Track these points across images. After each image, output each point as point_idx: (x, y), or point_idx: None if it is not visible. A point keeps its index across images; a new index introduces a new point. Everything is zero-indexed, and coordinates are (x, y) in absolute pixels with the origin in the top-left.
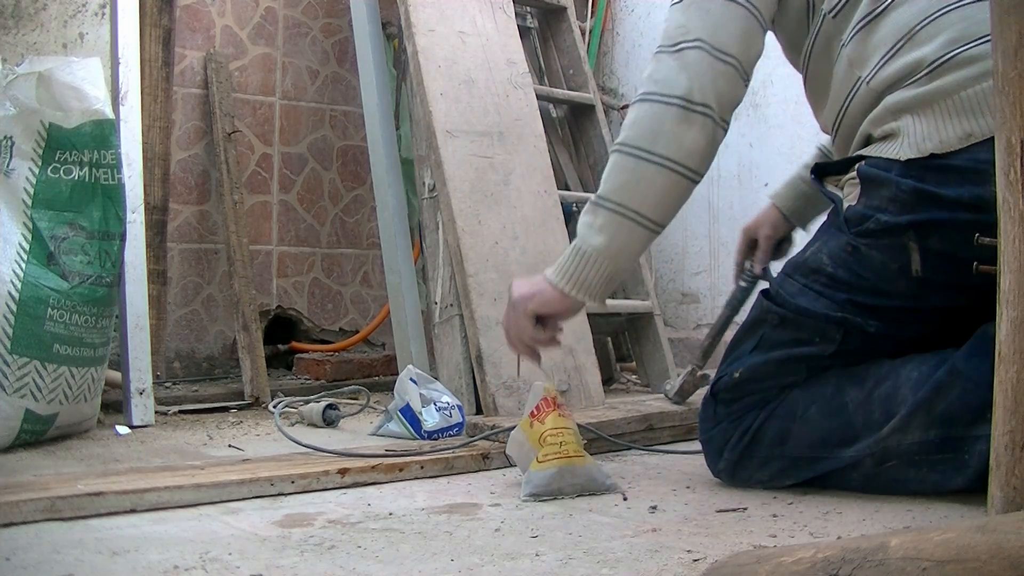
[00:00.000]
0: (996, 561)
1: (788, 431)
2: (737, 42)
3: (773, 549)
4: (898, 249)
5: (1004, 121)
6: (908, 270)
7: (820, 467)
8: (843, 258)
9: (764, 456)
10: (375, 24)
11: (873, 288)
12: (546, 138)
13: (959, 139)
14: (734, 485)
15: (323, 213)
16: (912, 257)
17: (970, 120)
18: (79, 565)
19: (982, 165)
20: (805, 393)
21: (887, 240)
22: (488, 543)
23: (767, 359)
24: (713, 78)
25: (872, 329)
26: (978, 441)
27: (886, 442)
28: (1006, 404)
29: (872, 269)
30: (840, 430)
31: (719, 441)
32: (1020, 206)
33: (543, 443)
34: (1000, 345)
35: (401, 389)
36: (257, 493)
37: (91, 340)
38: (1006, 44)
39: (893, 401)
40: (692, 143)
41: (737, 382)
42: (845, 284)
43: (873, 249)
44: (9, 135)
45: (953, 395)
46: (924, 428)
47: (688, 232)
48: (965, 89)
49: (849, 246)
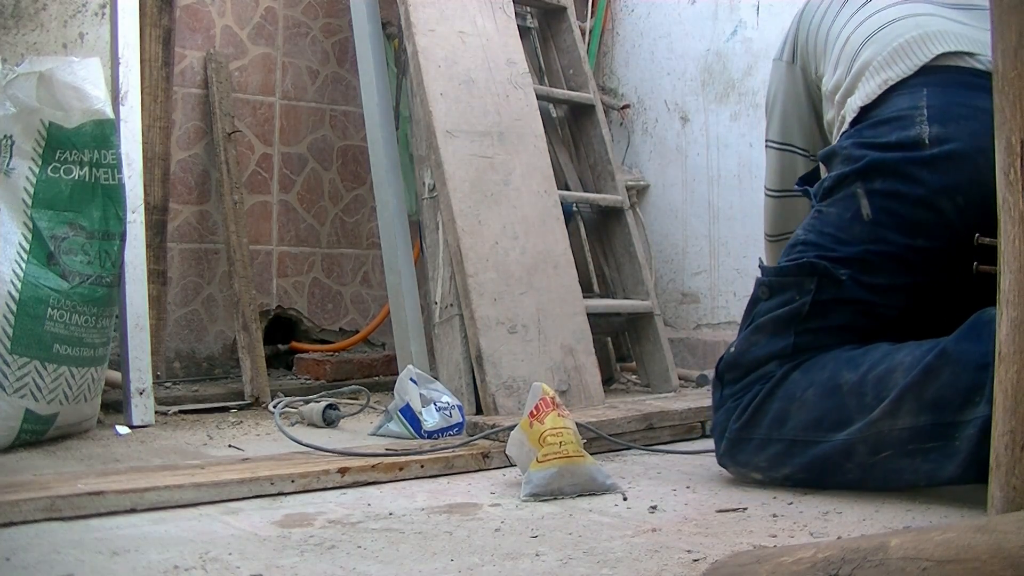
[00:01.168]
0: (996, 561)
1: (787, 412)
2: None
3: (773, 549)
4: (849, 198)
5: (1004, 121)
6: (860, 215)
7: (815, 451)
8: (809, 224)
9: (763, 438)
10: (375, 24)
11: (835, 238)
12: (546, 138)
13: (878, 86)
14: (735, 471)
15: (323, 213)
16: (861, 203)
17: (884, 71)
18: (79, 565)
19: (904, 111)
20: (804, 376)
21: (840, 194)
22: (488, 543)
23: (756, 326)
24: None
25: (843, 276)
26: (967, 426)
27: (878, 426)
28: (1006, 404)
29: (831, 223)
30: (834, 412)
31: (722, 423)
32: (1020, 206)
33: (543, 443)
34: (1000, 345)
35: (401, 389)
36: (257, 493)
37: (91, 340)
38: (1006, 44)
39: (885, 384)
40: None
41: (735, 355)
42: (813, 244)
43: (831, 207)
44: (9, 134)
45: (943, 379)
46: (915, 413)
47: (688, 232)
48: (878, 56)
49: (816, 212)
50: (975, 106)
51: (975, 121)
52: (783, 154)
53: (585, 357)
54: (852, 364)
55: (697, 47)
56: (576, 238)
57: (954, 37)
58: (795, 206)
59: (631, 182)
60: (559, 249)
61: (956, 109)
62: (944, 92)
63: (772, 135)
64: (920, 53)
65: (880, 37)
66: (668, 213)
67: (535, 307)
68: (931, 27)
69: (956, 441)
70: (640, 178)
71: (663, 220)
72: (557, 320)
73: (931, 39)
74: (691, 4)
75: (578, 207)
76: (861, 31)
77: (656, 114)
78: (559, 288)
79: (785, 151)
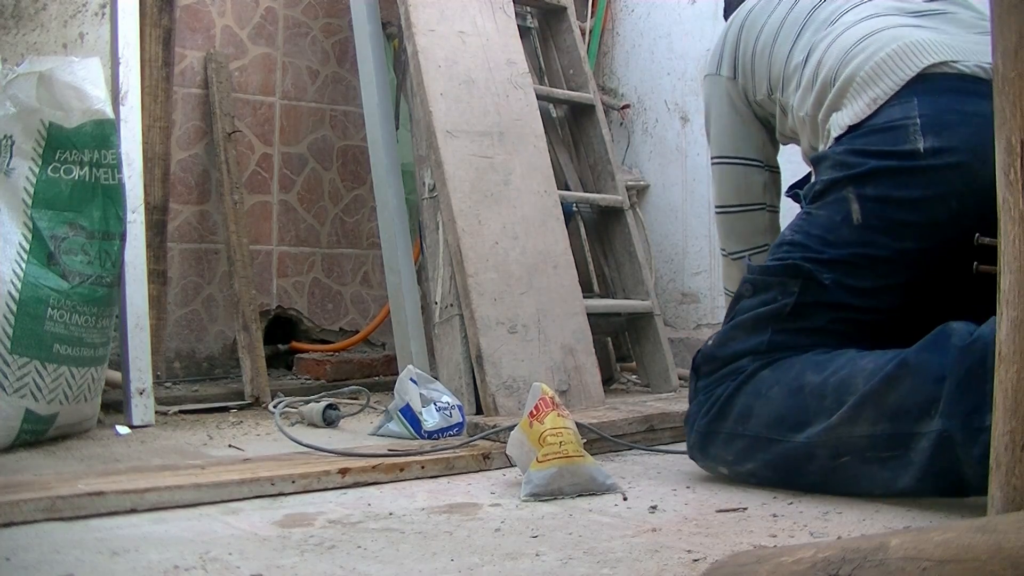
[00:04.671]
0: (996, 561)
1: (751, 408)
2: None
3: (773, 549)
4: (840, 202)
5: (1004, 121)
6: (850, 219)
7: (774, 449)
8: (797, 224)
9: (729, 432)
10: (375, 24)
11: (822, 240)
12: (546, 138)
13: (867, 105)
14: (704, 464)
15: (323, 213)
16: (852, 207)
17: (871, 88)
18: (79, 565)
19: (897, 122)
20: (772, 374)
21: (831, 197)
22: (488, 543)
23: (736, 323)
24: None
25: (827, 280)
26: (922, 438)
27: (837, 432)
28: (1006, 404)
29: (820, 226)
30: (794, 413)
31: (694, 415)
32: (1020, 206)
33: (543, 443)
34: (1000, 345)
35: (401, 389)
36: (257, 493)
37: (91, 340)
38: (1006, 44)
39: (846, 388)
40: None
41: (710, 350)
42: (800, 245)
43: (821, 209)
44: (9, 134)
45: (902, 389)
46: (872, 421)
47: (688, 232)
48: (863, 68)
49: (804, 214)
50: (966, 111)
51: (967, 126)
52: (737, 168)
53: (585, 357)
54: (818, 367)
55: (697, 47)
56: (576, 238)
57: (934, 46)
58: (755, 220)
59: (631, 182)
60: (559, 249)
61: (948, 116)
62: (935, 100)
63: (721, 151)
64: (906, 67)
65: (859, 51)
66: (668, 213)
67: (535, 307)
68: (910, 38)
69: (911, 453)
70: (640, 178)
71: (663, 220)
72: (557, 320)
73: (914, 51)
74: (691, 4)
75: (578, 207)
76: (837, 48)
77: (656, 114)
78: (559, 288)
79: (739, 165)
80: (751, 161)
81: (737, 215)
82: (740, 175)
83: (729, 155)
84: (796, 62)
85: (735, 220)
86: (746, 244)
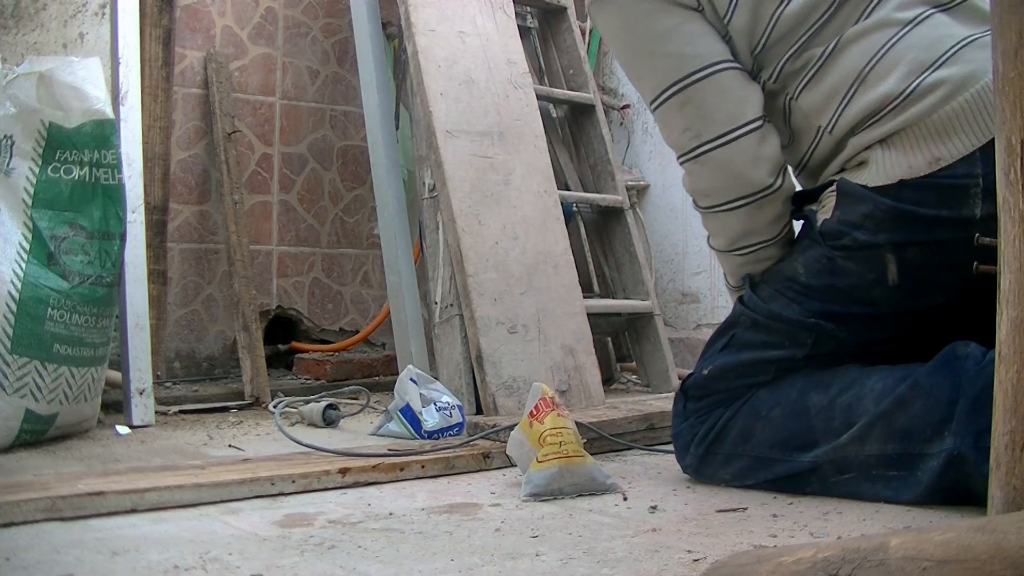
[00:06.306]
0: (996, 561)
1: (751, 430)
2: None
3: (773, 549)
4: (875, 260)
5: (1004, 121)
6: (884, 280)
7: (778, 469)
8: (818, 268)
9: (728, 453)
10: (375, 24)
11: (848, 296)
12: (546, 138)
13: (927, 164)
14: (700, 481)
15: (323, 213)
16: (889, 268)
17: (937, 145)
18: (79, 565)
19: (959, 181)
20: (771, 394)
21: (864, 253)
22: (488, 543)
23: (737, 359)
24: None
25: (844, 336)
26: (932, 458)
27: (844, 451)
28: (1006, 404)
29: (847, 279)
30: (800, 434)
31: (687, 437)
32: (1020, 206)
33: (543, 443)
34: (1000, 345)
35: (401, 389)
36: (257, 493)
37: (91, 340)
38: (1006, 44)
39: (854, 411)
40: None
41: (707, 379)
42: (819, 293)
43: (849, 261)
44: (9, 134)
45: (914, 411)
46: (883, 441)
47: (688, 232)
48: (931, 115)
49: (824, 258)
50: None
51: None
52: (732, 145)
53: (585, 357)
54: (821, 386)
55: None
56: (576, 238)
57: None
58: (764, 208)
59: (631, 182)
60: (559, 249)
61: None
62: (993, 154)
63: (715, 130)
64: (983, 123)
65: (928, 85)
66: (668, 213)
67: (535, 307)
68: (981, 73)
69: (919, 472)
70: (640, 178)
71: (663, 220)
72: (557, 320)
73: (986, 104)
74: None
75: (578, 207)
76: (888, 61)
77: None
78: (559, 288)
79: (739, 137)
80: (749, 124)
81: (746, 206)
82: (741, 149)
83: (726, 129)
84: (812, 53)
85: (739, 214)
86: (753, 240)
